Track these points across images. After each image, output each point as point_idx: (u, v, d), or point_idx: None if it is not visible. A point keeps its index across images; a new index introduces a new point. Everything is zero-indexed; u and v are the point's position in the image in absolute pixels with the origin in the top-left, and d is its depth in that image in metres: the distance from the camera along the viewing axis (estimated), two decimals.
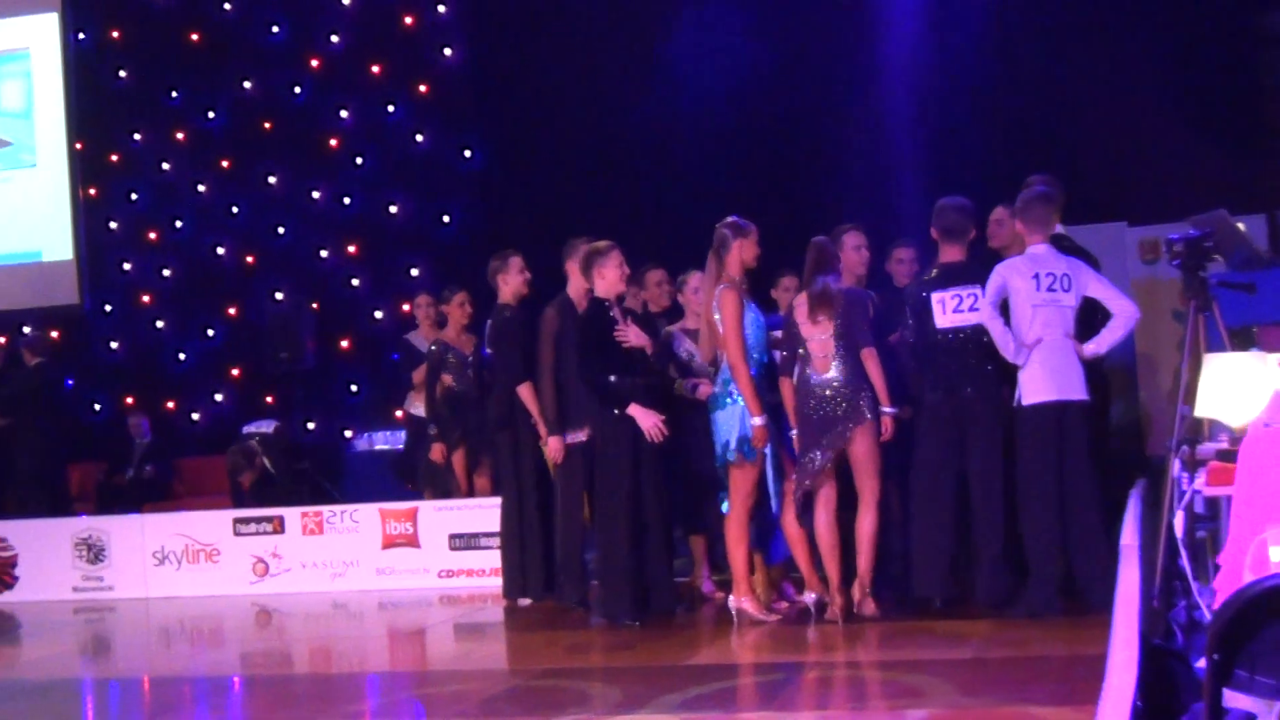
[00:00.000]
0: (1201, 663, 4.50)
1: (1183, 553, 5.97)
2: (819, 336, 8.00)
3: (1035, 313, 7.77)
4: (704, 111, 13.63)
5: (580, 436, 8.99)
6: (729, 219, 8.22)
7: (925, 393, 8.14)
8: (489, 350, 9.90)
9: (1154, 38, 12.40)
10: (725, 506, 8.27)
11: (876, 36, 13.16)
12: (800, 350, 8.06)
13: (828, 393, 7.94)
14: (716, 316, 8.06)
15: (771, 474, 8.09)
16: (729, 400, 8.05)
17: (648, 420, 8.34)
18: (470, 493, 10.90)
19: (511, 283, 9.68)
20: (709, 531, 9.28)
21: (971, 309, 8.02)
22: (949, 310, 8.07)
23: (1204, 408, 6.09)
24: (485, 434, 10.73)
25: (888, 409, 7.97)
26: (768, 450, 8.03)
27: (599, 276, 8.55)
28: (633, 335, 8.46)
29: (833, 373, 7.95)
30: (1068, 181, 8.52)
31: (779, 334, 8.38)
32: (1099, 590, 7.23)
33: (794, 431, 8.10)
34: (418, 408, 11.41)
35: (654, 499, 8.56)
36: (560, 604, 9.30)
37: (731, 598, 8.26)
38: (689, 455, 8.92)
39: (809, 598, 8.15)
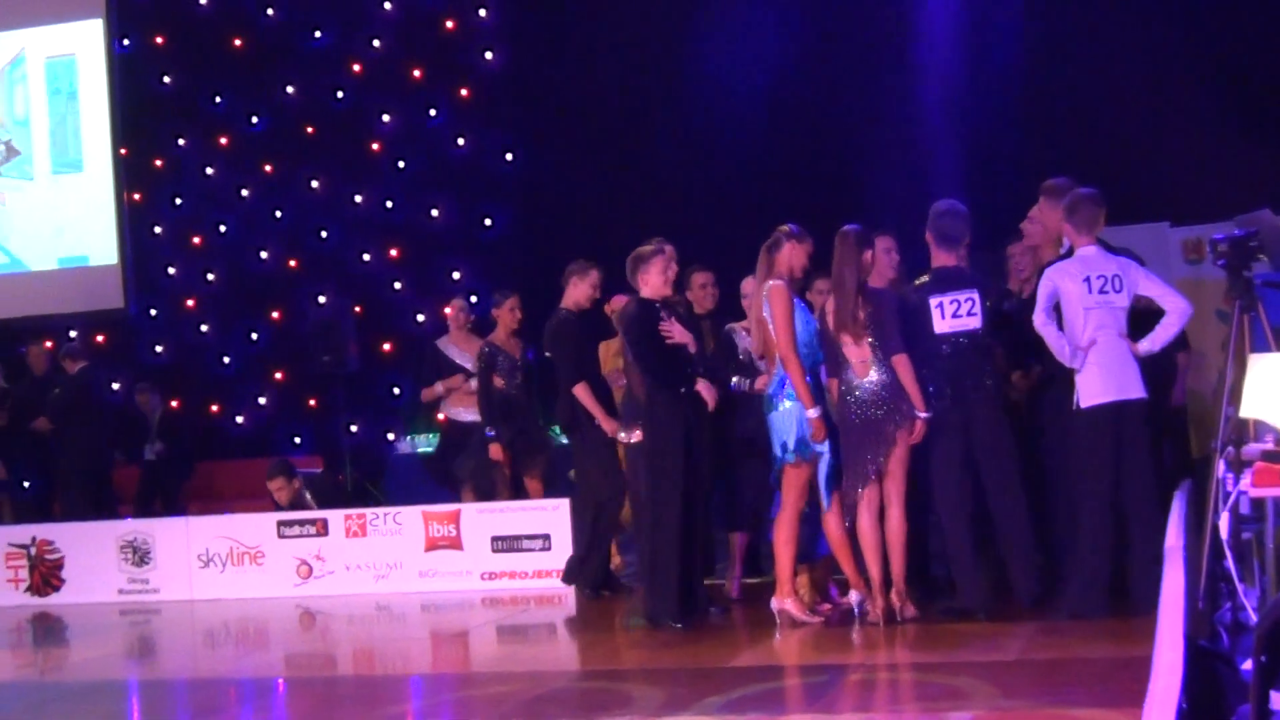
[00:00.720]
0: (1248, 664, 4.47)
1: (1228, 554, 5.93)
2: (854, 343, 7.98)
3: (1088, 315, 7.72)
4: (741, 112, 13.65)
5: (634, 437, 9.01)
6: (789, 225, 8.23)
7: (929, 399, 8.09)
8: (547, 352, 9.91)
9: (1196, 35, 12.33)
10: (775, 509, 8.27)
11: (911, 36, 13.14)
12: (839, 353, 8.03)
13: (868, 397, 7.90)
14: (766, 313, 8.05)
15: (826, 472, 8.04)
16: (785, 400, 8.02)
17: (710, 393, 8.39)
18: (518, 495, 10.92)
19: (580, 291, 9.68)
20: (750, 531, 9.27)
21: (970, 313, 7.99)
22: (948, 315, 8.03)
23: (1249, 408, 6.04)
24: (535, 437, 10.78)
25: (921, 413, 7.92)
26: (825, 448, 8.00)
27: (643, 281, 8.58)
28: (677, 332, 8.47)
29: (873, 376, 7.91)
30: (1109, 182, 8.46)
31: None
32: (1148, 591, 7.20)
33: (812, 413, 7.95)
34: (455, 412, 11.46)
35: (700, 503, 8.57)
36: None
37: (774, 599, 8.24)
38: (732, 455, 8.94)
39: (853, 598, 8.13)
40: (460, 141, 15.09)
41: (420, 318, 14.89)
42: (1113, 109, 12.50)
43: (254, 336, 15.80)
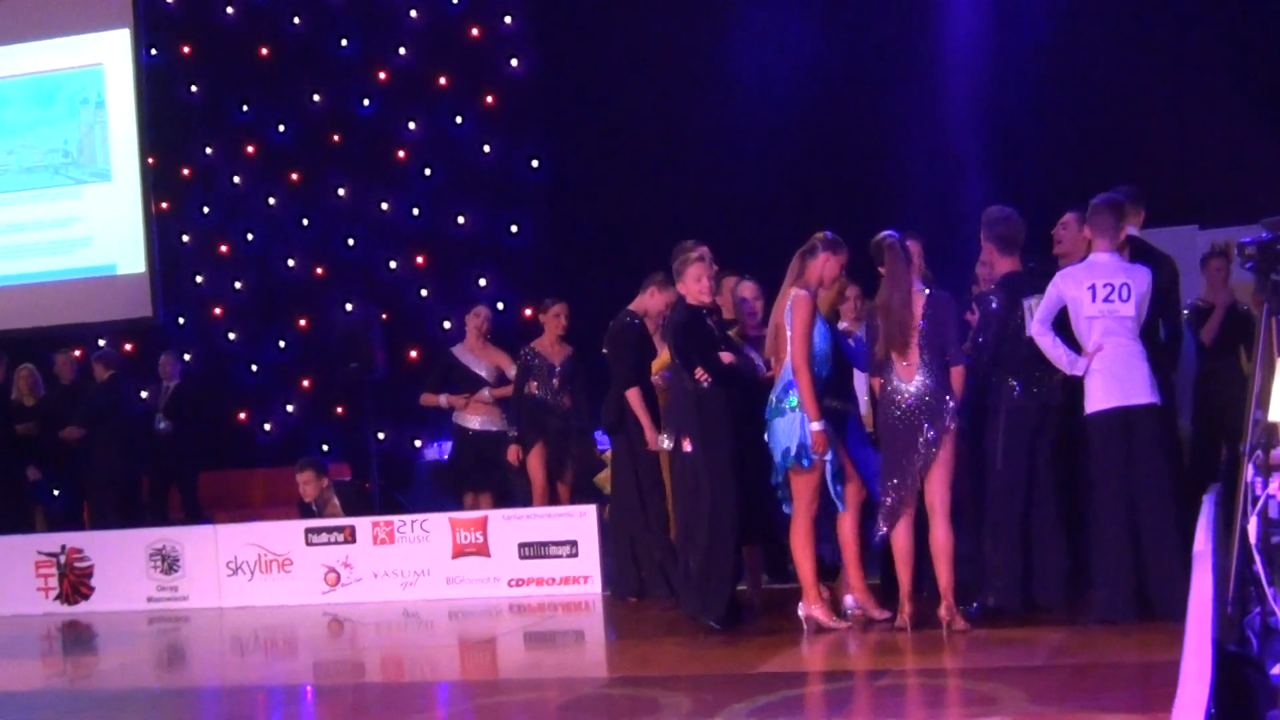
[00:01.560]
0: (1277, 669, 4.45)
1: (1257, 558, 5.90)
2: (902, 346, 7.89)
3: (1091, 325, 7.71)
4: (772, 116, 13.66)
5: (672, 444, 8.96)
6: (826, 233, 8.22)
7: (1006, 400, 8.09)
8: (605, 350, 9.91)
9: (1224, 35, 12.29)
10: (786, 508, 8.26)
11: (938, 38, 13.12)
12: (884, 357, 7.95)
13: (914, 401, 7.82)
14: (786, 318, 8.03)
15: (830, 477, 8.03)
16: (788, 408, 8.00)
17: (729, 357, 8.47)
18: (552, 500, 10.96)
19: (655, 301, 9.67)
20: (766, 539, 9.27)
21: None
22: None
23: (1278, 412, 6.01)
24: (568, 442, 10.86)
25: (951, 422, 7.88)
26: (828, 457, 7.98)
27: (680, 286, 8.66)
28: (724, 357, 8.51)
29: (918, 380, 7.83)
30: (1136, 184, 8.46)
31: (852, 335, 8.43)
32: (1172, 597, 7.17)
33: (816, 426, 7.92)
34: (467, 420, 11.59)
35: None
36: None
37: (801, 605, 8.24)
38: (744, 461, 8.95)
39: (849, 603, 8.18)
40: (486, 149, 15.12)
41: (446, 325, 14.91)
42: (1140, 111, 12.47)
43: (281, 344, 15.85)
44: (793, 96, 13.54)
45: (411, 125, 15.43)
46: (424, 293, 15.26)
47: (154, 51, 16.14)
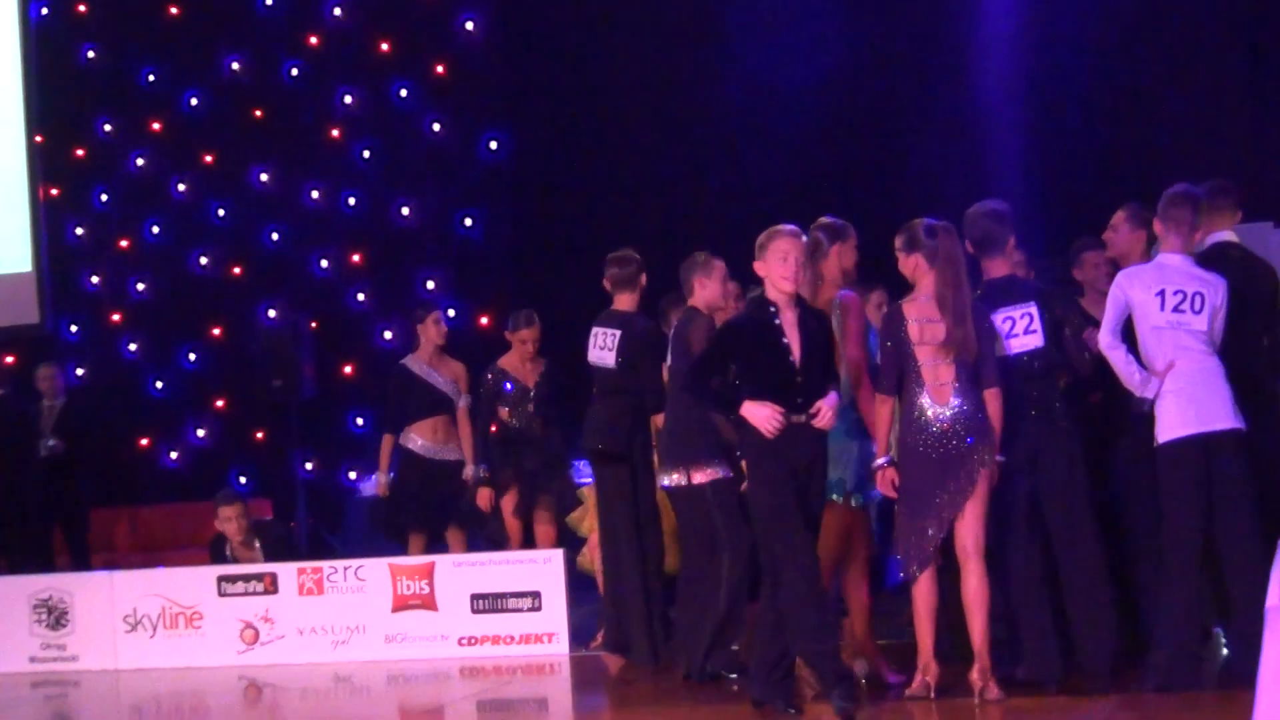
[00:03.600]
0: None
1: None
2: (937, 360, 7.81)
3: (1159, 337, 7.73)
4: (773, 97, 13.70)
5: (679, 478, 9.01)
6: (822, 220, 8.26)
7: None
8: (619, 359, 9.91)
9: None
10: None
11: (970, 18, 13.22)
12: (912, 372, 7.88)
13: (947, 427, 7.76)
14: (835, 326, 8.08)
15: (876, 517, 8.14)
16: (840, 433, 8.05)
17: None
18: (528, 544, 11.01)
19: (711, 291, 9.34)
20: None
21: (1028, 330, 7.97)
22: (1006, 334, 8.02)
23: None
24: (543, 477, 10.96)
25: (999, 455, 7.90)
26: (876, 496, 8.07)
27: (700, 285, 8.96)
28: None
29: (954, 403, 7.77)
30: (1203, 179, 8.50)
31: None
32: (1249, 659, 7.22)
33: (881, 462, 8.01)
34: (415, 441, 11.63)
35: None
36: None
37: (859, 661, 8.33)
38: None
39: (857, 667, 8.22)
40: (436, 127, 15.12)
41: (388, 334, 14.91)
42: (1208, 102, 12.57)
43: (191, 357, 15.81)
44: (801, 71, 13.56)
45: (347, 99, 15.43)
46: (361, 297, 15.25)
47: (45, 11, 16.12)
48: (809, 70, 13.55)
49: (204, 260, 15.82)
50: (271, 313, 15.18)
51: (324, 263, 15.41)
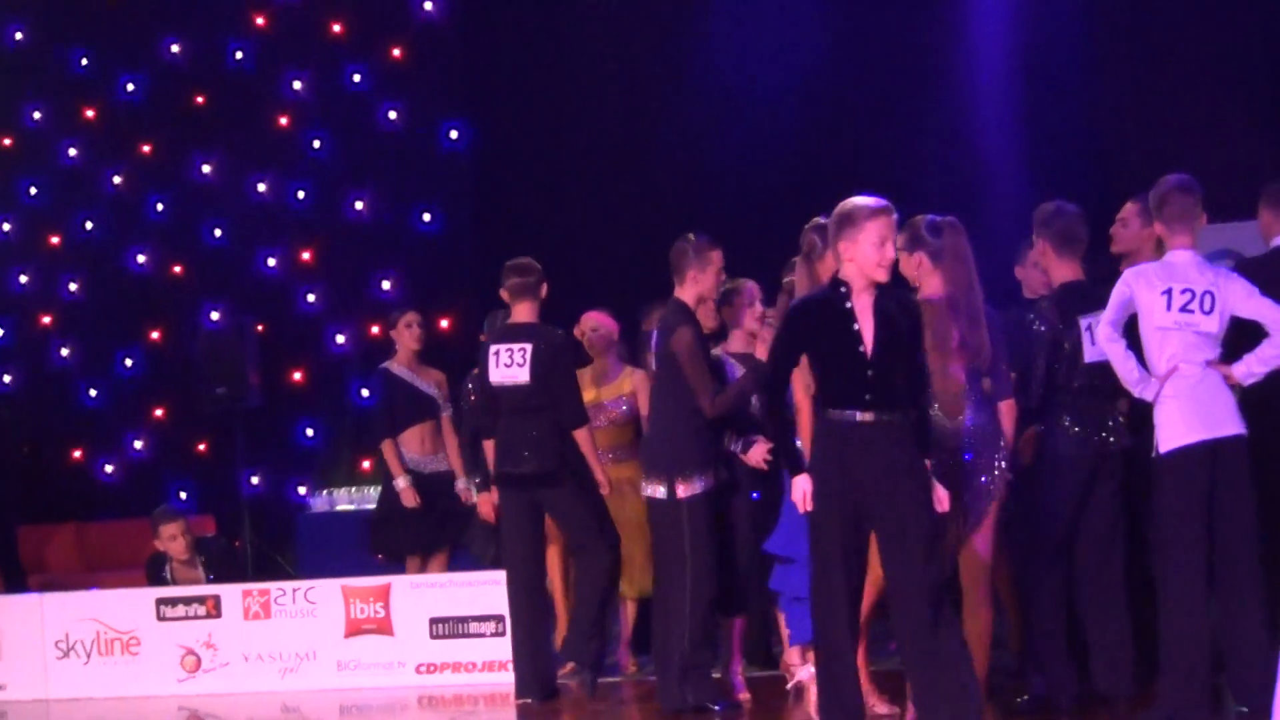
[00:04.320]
0: None
1: None
2: (946, 368, 7.75)
3: (1163, 338, 7.72)
4: (755, 84, 13.72)
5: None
6: (817, 220, 8.28)
7: (1058, 442, 8.16)
8: (534, 375, 9.88)
9: None
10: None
11: (964, 12, 13.28)
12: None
13: (957, 442, 7.70)
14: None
15: None
16: None
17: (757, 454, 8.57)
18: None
19: (706, 282, 9.28)
20: (748, 614, 9.48)
21: (1094, 341, 8.01)
22: (1086, 344, 8.09)
23: None
24: None
25: (1008, 474, 7.88)
26: None
27: (694, 278, 9.05)
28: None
29: (967, 418, 7.73)
30: (1207, 173, 8.50)
31: None
32: (1250, 681, 7.24)
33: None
34: (408, 454, 11.60)
35: None
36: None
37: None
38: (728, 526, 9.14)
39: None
40: (392, 115, 15.09)
41: (340, 338, 14.87)
42: (1205, 87, 12.64)
43: (128, 363, 15.75)
44: (786, 58, 13.59)
45: (296, 84, 15.38)
46: (311, 298, 15.20)
47: None
48: (793, 58, 13.58)
49: (141, 258, 15.74)
50: (215, 315, 15.13)
51: (271, 261, 15.36)
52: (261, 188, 15.43)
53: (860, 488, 7.10)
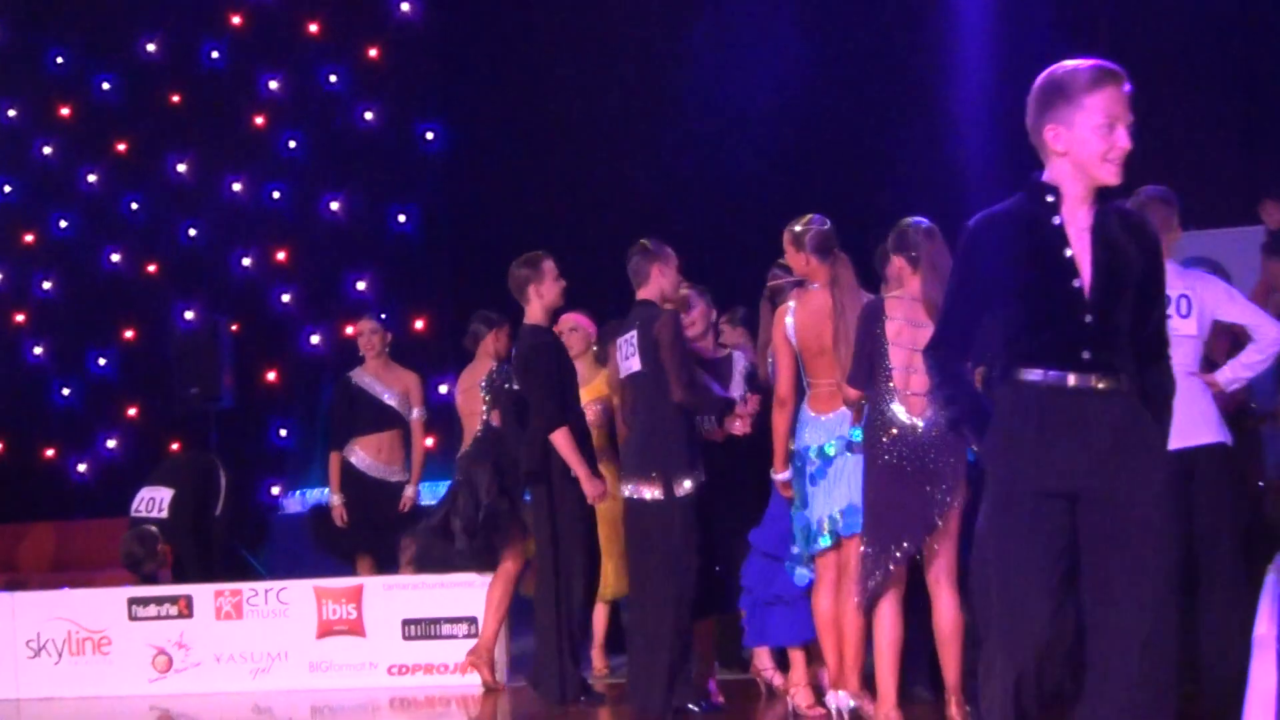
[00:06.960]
0: None
1: None
2: (911, 366, 7.66)
3: None
4: (736, 88, 13.73)
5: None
6: (782, 260, 8.36)
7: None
8: (515, 376, 9.89)
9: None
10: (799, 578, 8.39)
11: (951, 16, 13.33)
12: (882, 373, 7.77)
13: (925, 439, 7.65)
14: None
15: (804, 523, 8.15)
16: (844, 455, 8.03)
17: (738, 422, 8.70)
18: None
19: (667, 280, 9.27)
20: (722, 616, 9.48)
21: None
22: None
23: None
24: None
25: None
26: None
27: (660, 274, 9.02)
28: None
29: (930, 415, 7.59)
30: (1193, 182, 8.56)
31: None
32: (1226, 679, 7.28)
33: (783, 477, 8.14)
34: (358, 455, 11.63)
35: None
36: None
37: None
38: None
39: (840, 700, 8.14)
40: (368, 115, 15.12)
41: (315, 339, 14.88)
42: (1183, 98, 12.70)
43: (101, 362, 15.76)
44: (767, 61, 13.61)
45: (272, 84, 15.40)
46: (285, 298, 15.22)
47: None
48: (773, 61, 13.61)
49: (115, 257, 15.76)
50: (188, 314, 15.13)
51: (246, 261, 15.37)
52: (236, 187, 15.46)
53: (1068, 479, 5.06)
